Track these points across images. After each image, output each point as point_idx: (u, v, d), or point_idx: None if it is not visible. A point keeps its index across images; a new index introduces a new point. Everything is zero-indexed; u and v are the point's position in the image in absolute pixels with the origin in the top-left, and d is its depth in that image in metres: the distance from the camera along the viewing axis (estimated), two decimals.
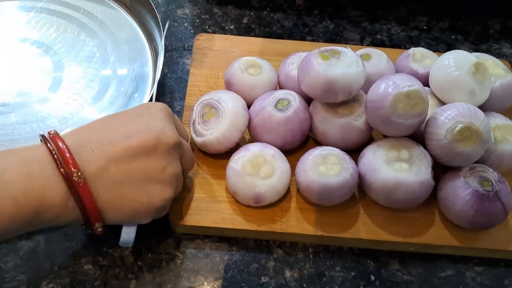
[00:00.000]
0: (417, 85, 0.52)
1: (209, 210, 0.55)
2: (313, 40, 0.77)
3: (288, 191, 0.57)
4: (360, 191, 0.57)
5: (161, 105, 0.51)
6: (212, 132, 0.56)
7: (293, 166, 0.56)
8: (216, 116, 0.57)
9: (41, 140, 0.45)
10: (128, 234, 0.50)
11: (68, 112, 0.63)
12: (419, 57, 0.64)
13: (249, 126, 0.59)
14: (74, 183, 0.42)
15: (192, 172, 0.58)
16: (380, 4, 0.84)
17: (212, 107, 0.58)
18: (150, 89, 0.65)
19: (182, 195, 0.56)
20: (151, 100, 0.60)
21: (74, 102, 0.64)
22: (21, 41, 0.69)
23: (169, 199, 0.49)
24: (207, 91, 0.66)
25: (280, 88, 0.64)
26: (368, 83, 0.56)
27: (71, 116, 0.62)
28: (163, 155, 0.47)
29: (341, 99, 0.56)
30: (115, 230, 0.55)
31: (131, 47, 0.69)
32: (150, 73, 0.67)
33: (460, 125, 0.52)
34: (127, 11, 0.73)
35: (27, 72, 0.66)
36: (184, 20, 0.78)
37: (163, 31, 0.65)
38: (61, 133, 0.46)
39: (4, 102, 0.63)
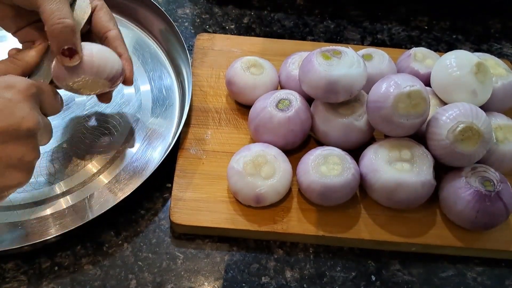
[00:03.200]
0: (418, 85, 0.52)
1: (209, 210, 0.55)
2: (313, 40, 0.77)
3: (289, 191, 0.56)
4: (361, 191, 0.57)
5: (20, 85, 0.44)
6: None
7: (294, 166, 0.56)
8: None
9: None
10: None
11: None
12: (421, 57, 0.64)
13: (250, 126, 0.59)
14: None
15: (193, 172, 0.58)
16: (380, 4, 0.83)
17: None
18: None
19: (182, 195, 0.56)
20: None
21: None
22: None
23: (22, 185, 0.45)
24: (209, 91, 0.66)
25: (281, 88, 0.64)
26: (369, 83, 0.56)
27: None
28: (21, 143, 0.43)
29: (342, 99, 0.56)
30: (115, 228, 0.55)
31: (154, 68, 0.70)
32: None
33: (462, 125, 0.51)
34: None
35: None
36: (184, 20, 0.78)
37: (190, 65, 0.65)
38: None
39: None
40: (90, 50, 0.50)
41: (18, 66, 0.49)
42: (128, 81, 0.55)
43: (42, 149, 0.59)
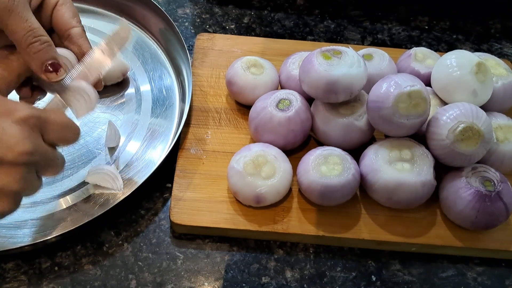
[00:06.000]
0: (419, 85, 0.52)
1: (210, 210, 0.55)
2: (314, 40, 0.77)
3: (289, 191, 0.56)
4: (361, 191, 0.57)
5: (19, 113, 0.40)
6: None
7: (294, 166, 0.56)
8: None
9: None
10: None
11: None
12: (421, 57, 0.64)
13: (250, 126, 0.59)
14: None
15: (193, 172, 0.58)
16: (380, 4, 0.83)
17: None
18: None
19: (183, 195, 0.56)
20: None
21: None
22: None
23: (3, 214, 0.41)
24: (209, 91, 0.66)
25: (281, 88, 0.64)
26: (369, 83, 0.56)
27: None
28: (3, 171, 0.39)
29: (343, 99, 0.56)
30: (115, 228, 0.55)
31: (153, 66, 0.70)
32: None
33: (462, 125, 0.51)
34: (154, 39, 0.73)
35: None
36: (184, 20, 0.78)
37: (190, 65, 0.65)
38: None
39: None
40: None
41: (13, 69, 0.45)
42: (98, 85, 0.50)
43: None
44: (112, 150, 0.61)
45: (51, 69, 0.45)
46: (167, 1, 0.80)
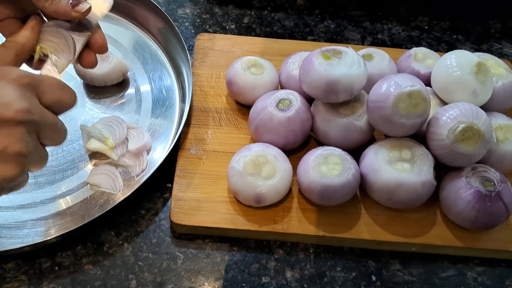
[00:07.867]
0: (419, 85, 0.52)
1: (210, 210, 0.55)
2: (314, 40, 0.77)
3: (289, 191, 0.56)
4: (361, 191, 0.57)
5: (12, 75, 0.41)
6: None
7: (294, 166, 0.56)
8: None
9: None
10: None
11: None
12: (421, 57, 0.64)
13: (250, 126, 0.59)
14: None
15: (193, 172, 0.58)
16: (380, 4, 0.83)
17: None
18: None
19: (183, 195, 0.56)
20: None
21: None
22: None
23: (10, 179, 0.40)
24: (209, 91, 0.66)
25: (282, 88, 0.64)
26: (370, 83, 0.56)
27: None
28: (2, 132, 0.39)
29: (343, 99, 0.56)
30: (115, 228, 0.55)
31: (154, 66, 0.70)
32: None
33: (462, 125, 0.51)
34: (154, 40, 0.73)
35: None
36: (185, 20, 0.78)
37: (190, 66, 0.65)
38: None
39: None
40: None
41: (10, 48, 0.46)
42: (103, 48, 0.50)
43: None
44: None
45: (77, 3, 0.47)
46: (167, 1, 0.80)
